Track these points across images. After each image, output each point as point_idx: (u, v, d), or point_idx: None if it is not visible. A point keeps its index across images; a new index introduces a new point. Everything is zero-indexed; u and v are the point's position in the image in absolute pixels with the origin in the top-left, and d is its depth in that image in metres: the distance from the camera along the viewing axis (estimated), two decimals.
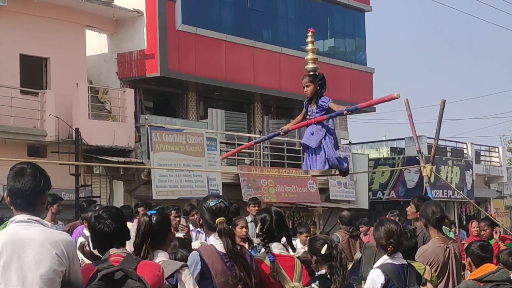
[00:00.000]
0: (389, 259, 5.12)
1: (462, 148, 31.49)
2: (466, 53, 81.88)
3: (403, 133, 49.54)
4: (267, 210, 5.15)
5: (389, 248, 5.10)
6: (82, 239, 7.44)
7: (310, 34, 6.99)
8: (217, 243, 4.47)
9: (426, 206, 6.38)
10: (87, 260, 5.93)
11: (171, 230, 4.50)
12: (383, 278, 5.01)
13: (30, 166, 3.54)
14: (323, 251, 5.12)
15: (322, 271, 5.15)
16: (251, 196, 16.49)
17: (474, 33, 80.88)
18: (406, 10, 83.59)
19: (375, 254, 8.02)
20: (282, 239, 5.08)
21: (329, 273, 5.10)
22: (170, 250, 4.76)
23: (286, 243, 5.24)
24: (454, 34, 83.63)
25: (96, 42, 19.58)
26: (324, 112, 6.70)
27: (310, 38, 6.97)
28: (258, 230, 4.97)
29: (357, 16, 25.07)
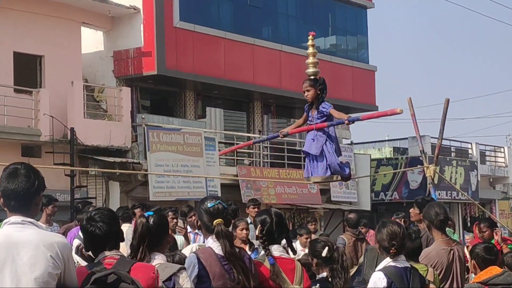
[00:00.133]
0: (391, 262, 5.09)
1: (467, 148, 31.39)
2: (471, 50, 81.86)
3: (406, 132, 49.23)
4: (267, 211, 5.10)
5: (391, 250, 5.07)
6: (78, 242, 7.28)
7: (310, 37, 7.03)
8: (215, 246, 4.44)
9: (429, 208, 6.36)
10: (84, 263, 5.81)
11: (169, 232, 4.54)
12: (386, 281, 4.99)
13: (24, 167, 3.54)
14: (324, 254, 5.13)
15: (323, 274, 5.17)
16: (251, 197, 16.49)
17: (479, 30, 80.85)
18: (409, 7, 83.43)
19: (377, 257, 7.93)
20: (282, 241, 5.04)
21: (330, 276, 5.12)
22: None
23: (286, 245, 5.15)
24: (458, 32, 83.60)
25: (91, 40, 19.58)
26: (325, 118, 6.82)
27: (310, 42, 7.02)
28: (258, 232, 4.94)
29: (359, 12, 25.06)
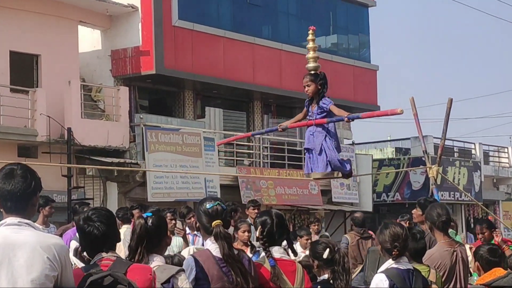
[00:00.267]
0: (394, 264, 5.08)
1: (470, 148, 31.46)
2: (474, 50, 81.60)
3: (409, 132, 49.28)
4: (268, 212, 5.06)
5: (394, 252, 5.06)
6: (76, 244, 7.09)
7: (311, 32, 7.04)
8: (213, 247, 4.43)
9: (431, 209, 6.35)
10: (81, 265, 5.70)
11: (168, 234, 4.49)
12: (387, 283, 4.97)
13: (20, 167, 3.51)
14: (325, 256, 5.09)
15: (325, 276, 5.13)
16: (251, 198, 16.48)
17: (482, 29, 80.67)
18: (411, 5, 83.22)
19: (379, 259, 8.24)
20: (283, 243, 5.02)
21: (331, 278, 5.08)
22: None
23: (286, 247, 5.12)
24: (461, 30, 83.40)
25: (89, 39, 19.60)
26: (325, 114, 6.80)
27: (311, 36, 7.02)
28: (258, 234, 4.91)
29: (360, 11, 25.06)
